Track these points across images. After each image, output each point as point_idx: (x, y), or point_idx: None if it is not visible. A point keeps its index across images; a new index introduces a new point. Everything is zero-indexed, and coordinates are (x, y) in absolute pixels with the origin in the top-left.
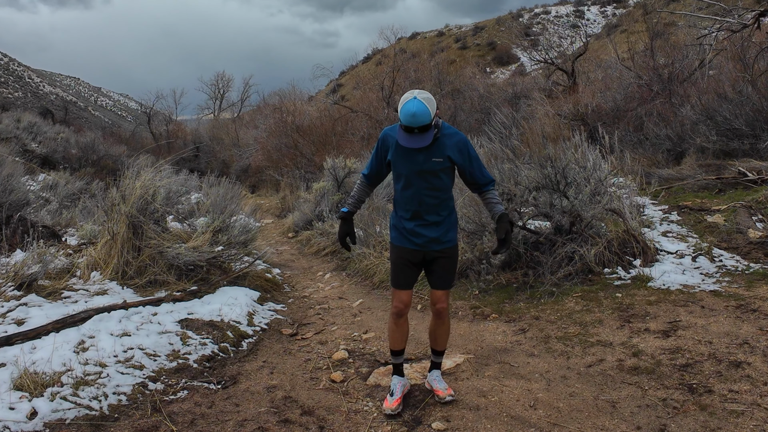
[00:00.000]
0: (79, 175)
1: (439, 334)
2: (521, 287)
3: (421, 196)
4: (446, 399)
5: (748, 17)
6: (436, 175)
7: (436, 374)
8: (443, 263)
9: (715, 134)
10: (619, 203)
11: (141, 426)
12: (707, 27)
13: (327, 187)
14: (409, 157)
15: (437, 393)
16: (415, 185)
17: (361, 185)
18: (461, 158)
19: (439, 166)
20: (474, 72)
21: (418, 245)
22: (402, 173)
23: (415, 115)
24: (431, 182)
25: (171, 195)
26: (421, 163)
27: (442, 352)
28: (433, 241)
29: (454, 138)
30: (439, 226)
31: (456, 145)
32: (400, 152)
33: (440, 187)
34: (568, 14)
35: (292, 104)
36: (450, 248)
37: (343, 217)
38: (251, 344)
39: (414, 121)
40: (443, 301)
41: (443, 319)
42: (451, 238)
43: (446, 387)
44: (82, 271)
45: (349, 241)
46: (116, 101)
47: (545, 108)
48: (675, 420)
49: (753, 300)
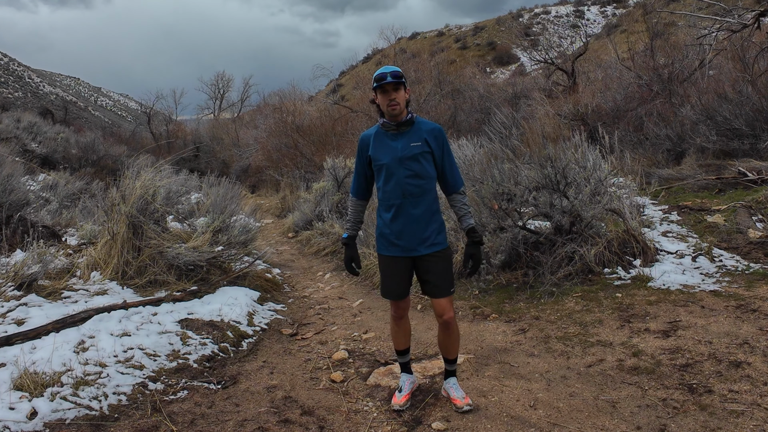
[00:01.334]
0: (79, 175)
1: (449, 343)
2: (521, 287)
3: (403, 185)
4: (464, 408)
5: (748, 17)
6: (416, 159)
7: (453, 382)
8: (436, 268)
9: (715, 134)
10: (619, 203)
11: (141, 426)
12: (707, 27)
13: (327, 187)
14: (386, 148)
15: (454, 402)
16: (396, 174)
17: (353, 204)
18: (436, 145)
19: (418, 150)
20: (474, 72)
21: (405, 250)
22: (383, 163)
23: (387, 67)
24: (412, 168)
25: (171, 195)
26: (401, 150)
27: (455, 359)
28: (420, 243)
29: (429, 125)
30: (425, 225)
31: (432, 132)
32: (374, 147)
33: (422, 175)
34: (568, 14)
35: (292, 104)
36: (441, 251)
37: (345, 243)
38: (251, 344)
39: (387, 69)
40: (449, 311)
41: (452, 330)
42: (441, 241)
43: (464, 395)
44: (82, 271)
45: (355, 267)
46: (116, 101)
47: (545, 108)
48: (675, 420)
49: (753, 300)
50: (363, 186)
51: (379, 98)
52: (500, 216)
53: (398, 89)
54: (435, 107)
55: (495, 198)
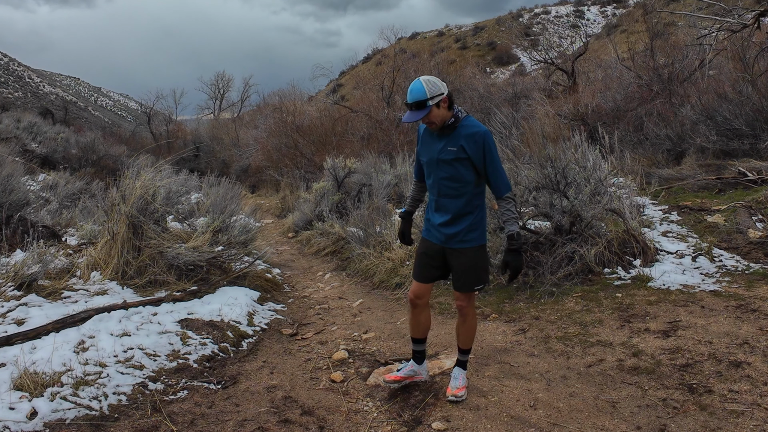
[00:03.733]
0: (79, 175)
1: (462, 331)
2: (521, 287)
3: (439, 186)
4: (449, 398)
5: (748, 17)
6: (451, 164)
7: (456, 371)
8: (461, 263)
9: (715, 134)
10: (619, 203)
11: (141, 426)
12: (707, 27)
13: (327, 187)
14: (429, 146)
15: (447, 390)
16: (434, 174)
17: (414, 185)
18: (475, 150)
19: (452, 156)
20: (474, 72)
21: (438, 239)
22: (424, 161)
23: (411, 91)
24: (447, 171)
25: (171, 195)
26: (438, 152)
27: (465, 350)
28: (451, 238)
29: (471, 129)
30: (457, 222)
31: (472, 137)
32: (422, 141)
33: (457, 179)
34: (568, 14)
35: (292, 104)
36: (469, 248)
37: (402, 216)
38: (251, 344)
39: (409, 96)
40: (461, 300)
41: (465, 318)
42: (472, 238)
43: (457, 386)
44: (82, 271)
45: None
46: (116, 101)
47: (545, 108)
48: (675, 420)
49: (753, 300)
50: (419, 170)
51: None
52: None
53: (429, 113)
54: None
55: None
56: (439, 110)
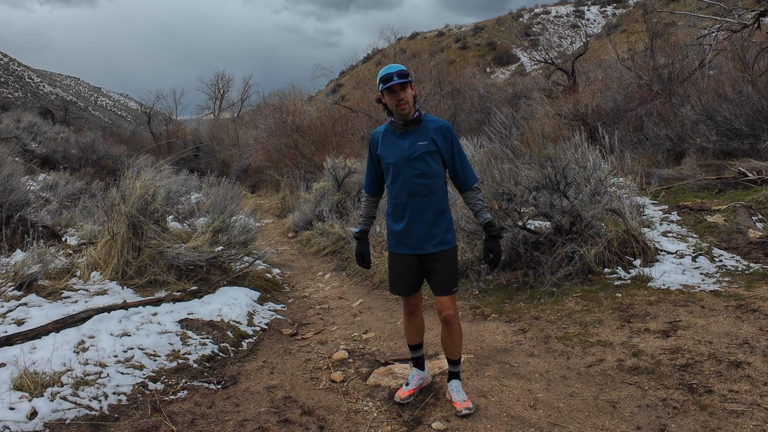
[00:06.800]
0: (79, 175)
1: (451, 342)
2: (521, 287)
3: (410, 185)
4: (462, 413)
5: (748, 17)
6: (423, 159)
7: (455, 384)
8: (441, 266)
9: (715, 134)
10: (619, 203)
11: (141, 426)
12: (707, 27)
13: (327, 187)
14: (394, 146)
15: (455, 405)
16: (403, 173)
17: (366, 201)
18: (444, 143)
19: (424, 149)
20: (474, 72)
21: (412, 248)
22: (390, 162)
23: (391, 66)
24: (419, 168)
25: (171, 195)
26: (407, 149)
27: (457, 360)
28: (427, 241)
29: (437, 123)
30: (432, 224)
31: (440, 130)
32: (383, 144)
33: (429, 174)
34: (568, 14)
35: (292, 104)
36: (448, 250)
37: (357, 237)
38: (251, 344)
39: (392, 68)
40: (449, 308)
41: (452, 327)
42: (449, 240)
43: (464, 399)
44: (82, 271)
45: (365, 261)
46: (116, 101)
47: (545, 108)
48: (675, 420)
49: (753, 300)
50: (374, 183)
51: (387, 98)
52: (500, 216)
53: (405, 88)
54: (435, 107)
55: (495, 198)
56: (412, 91)
